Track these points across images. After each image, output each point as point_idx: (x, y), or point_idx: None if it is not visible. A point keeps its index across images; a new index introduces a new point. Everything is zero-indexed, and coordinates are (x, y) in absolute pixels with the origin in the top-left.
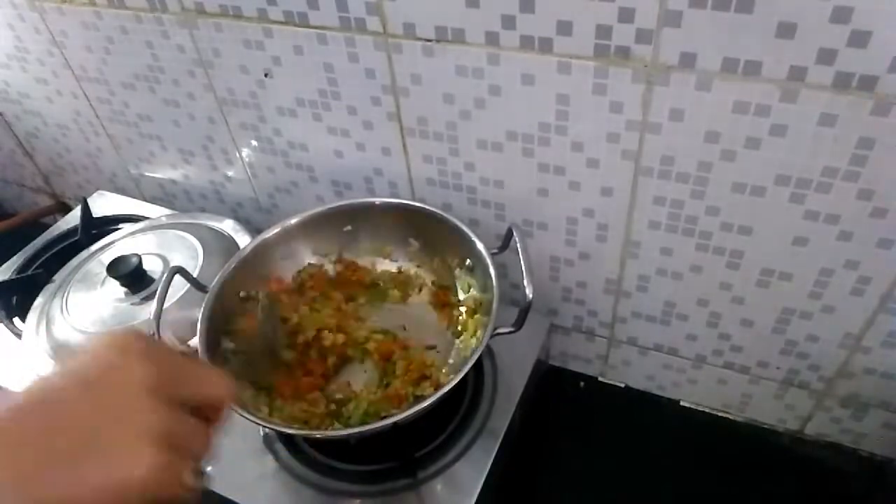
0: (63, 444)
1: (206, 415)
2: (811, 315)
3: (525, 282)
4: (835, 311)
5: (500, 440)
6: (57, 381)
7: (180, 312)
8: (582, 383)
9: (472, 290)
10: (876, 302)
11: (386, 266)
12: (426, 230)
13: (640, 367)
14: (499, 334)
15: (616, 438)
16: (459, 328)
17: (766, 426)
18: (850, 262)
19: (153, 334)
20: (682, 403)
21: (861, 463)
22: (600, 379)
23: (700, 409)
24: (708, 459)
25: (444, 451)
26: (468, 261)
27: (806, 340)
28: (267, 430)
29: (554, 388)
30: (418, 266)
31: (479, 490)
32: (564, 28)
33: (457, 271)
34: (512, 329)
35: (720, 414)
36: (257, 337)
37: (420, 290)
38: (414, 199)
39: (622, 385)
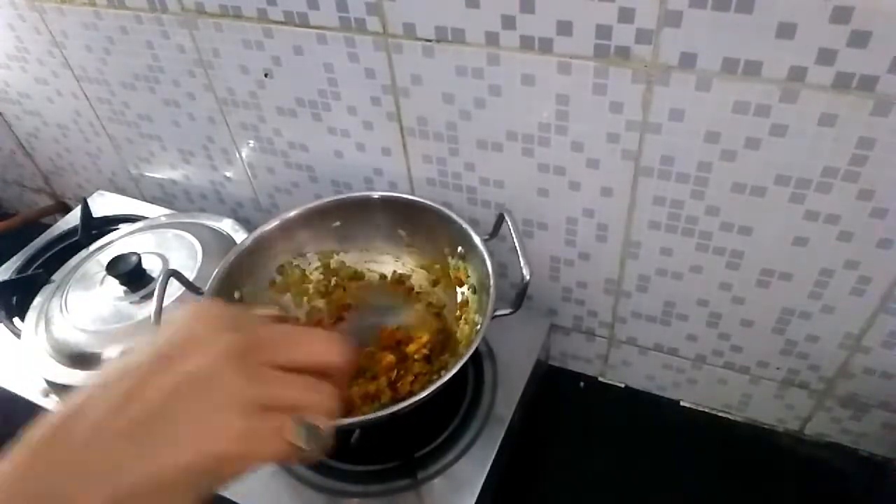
0: (137, 422)
1: (319, 374)
2: (811, 315)
3: (521, 262)
4: (835, 311)
5: (499, 440)
6: (137, 356)
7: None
8: (582, 383)
9: (466, 277)
10: (876, 302)
11: (378, 265)
12: (416, 221)
13: (640, 367)
14: (498, 316)
15: (616, 438)
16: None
17: (766, 426)
18: (850, 262)
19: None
20: (682, 403)
21: (861, 463)
22: (600, 379)
23: (700, 409)
24: (708, 459)
25: (444, 451)
26: (460, 248)
27: (806, 340)
28: None
29: (554, 388)
30: (412, 259)
31: (479, 490)
32: (564, 28)
33: (450, 259)
34: (510, 310)
35: (720, 414)
36: None
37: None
38: None
39: (622, 385)
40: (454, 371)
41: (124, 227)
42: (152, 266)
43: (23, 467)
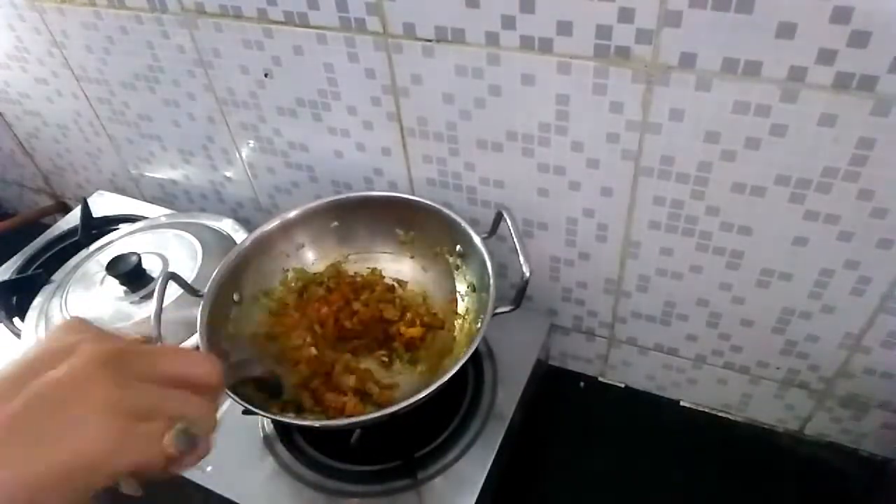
0: (19, 427)
1: (193, 390)
2: (811, 315)
3: (521, 259)
4: (835, 311)
5: (500, 440)
6: (5, 367)
7: (178, 312)
8: (582, 383)
9: (465, 276)
10: (876, 302)
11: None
12: (416, 221)
13: (640, 367)
14: (498, 314)
15: (616, 438)
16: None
17: (766, 426)
18: (850, 262)
19: (153, 337)
20: (682, 403)
21: (861, 463)
22: (600, 379)
23: (700, 409)
24: (708, 459)
25: (445, 451)
26: (459, 247)
27: (806, 340)
28: (267, 426)
29: (554, 388)
30: (411, 257)
31: (479, 490)
32: (564, 28)
33: (449, 258)
34: (511, 307)
35: (720, 414)
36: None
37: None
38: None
39: (622, 385)
40: (454, 371)
41: (124, 227)
42: (152, 266)
43: None
